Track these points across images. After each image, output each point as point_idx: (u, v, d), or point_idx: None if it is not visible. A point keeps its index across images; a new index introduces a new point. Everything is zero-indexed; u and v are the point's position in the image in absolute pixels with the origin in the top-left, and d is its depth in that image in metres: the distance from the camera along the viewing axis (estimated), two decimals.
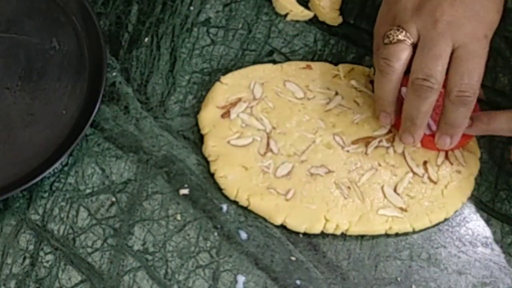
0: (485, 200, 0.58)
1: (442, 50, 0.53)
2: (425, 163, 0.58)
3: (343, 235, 0.56)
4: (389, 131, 0.59)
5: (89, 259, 0.55)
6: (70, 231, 0.56)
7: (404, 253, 0.56)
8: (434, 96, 0.54)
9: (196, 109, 0.61)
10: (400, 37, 0.55)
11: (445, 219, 0.57)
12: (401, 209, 0.56)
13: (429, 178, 0.57)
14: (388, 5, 0.58)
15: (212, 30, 0.65)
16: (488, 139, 0.60)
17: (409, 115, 0.55)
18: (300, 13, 0.66)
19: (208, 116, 0.60)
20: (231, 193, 0.57)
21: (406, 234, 0.56)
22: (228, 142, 0.58)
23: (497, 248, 0.56)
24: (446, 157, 0.58)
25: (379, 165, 0.58)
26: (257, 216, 0.57)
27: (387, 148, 0.58)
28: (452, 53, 0.54)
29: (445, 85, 0.54)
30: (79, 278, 0.54)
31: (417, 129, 0.56)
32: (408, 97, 0.55)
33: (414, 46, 0.55)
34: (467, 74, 0.53)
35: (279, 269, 0.55)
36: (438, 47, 0.53)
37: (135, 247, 0.55)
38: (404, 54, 0.55)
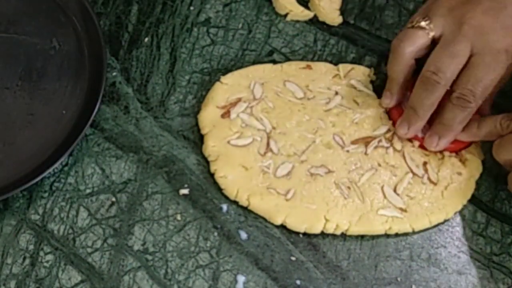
0: (485, 200, 0.58)
1: (460, 51, 0.54)
2: (425, 164, 0.58)
3: (343, 235, 0.56)
4: (389, 130, 0.59)
5: (89, 259, 0.55)
6: (70, 231, 0.56)
7: (404, 253, 0.56)
8: (439, 92, 0.55)
9: (196, 109, 0.61)
10: (423, 24, 0.56)
11: (445, 220, 0.57)
12: (401, 209, 0.56)
13: (429, 179, 0.57)
14: (428, 2, 0.59)
15: (212, 30, 0.65)
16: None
17: (412, 105, 0.56)
18: (300, 13, 0.66)
19: (208, 116, 0.60)
20: (231, 193, 0.57)
21: (406, 234, 0.56)
22: (228, 142, 0.58)
23: (497, 248, 0.56)
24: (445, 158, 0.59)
25: (379, 165, 0.58)
26: (257, 216, 0.57)
27: (387, 148, 0.58)
28: (469, 59, 0.55)
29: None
30: (79, 278, 0.54)
31: (416, 121, 0.57)
32: (415, 88, 0.56)
33: (433, 42, 0.56)
34: (473, 81, 0.54)
35: (279, 269, 0.55)
36: (457, 47, 0.54)
37: (135, 247, 0.55)
38: (418, 39, 0.56)
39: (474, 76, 0.54)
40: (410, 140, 0.59)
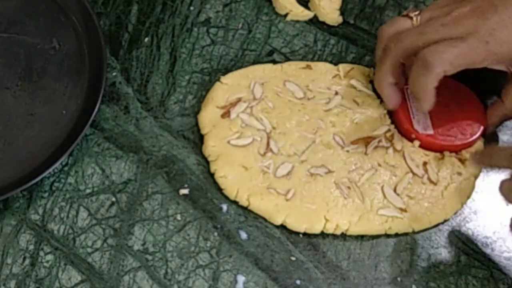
0: (485, 200, 0.58)
1: (428, 32, 0.54)
2: (425, 164, 0.58)
3: (343, 235, 0.56)
4: (389, 130, 0.59)
5: (89, 259, 0.55)
6: (70, 231, 0.56)
7: (404, 253, 0.56)
8: (396, 56, 0.55)
9: (196, 109, 0.61)
10: (411, 14, 0.57)
11: (445, 220, 0.57)
12: (401, 209, 0.56)
13: (428, 179, 0.57)
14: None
15: (212, 30, 0.65)
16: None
17: (413, 91, 0.57)
18: (300, 13, 0.66)
19: (208, 116, 0.60)
20: (231, 193, 0.57)
21: (406, 234, 0.56)
22: (228, 142, 0.58)
23: (497, 248, 0.56)
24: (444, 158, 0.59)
25: (379, 165, 0.58)
26: (257, 216, 0.57)
27: (387, 148, 0.58)
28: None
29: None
30: (79, 278, 0.54)
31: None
32: (412, 73, 0.56)
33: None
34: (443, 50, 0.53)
35: (279, 269, 0.55)
36: (427, 28, 0.54)
37: (135, 247, 0.55)
38: (399, 24, 0.57)
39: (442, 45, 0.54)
40: (410, 140, 0.59)
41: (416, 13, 0.57)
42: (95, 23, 0.62)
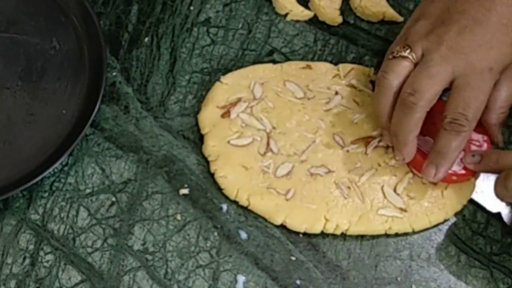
0: (485, 200, 0.58)
1: (438, 72, 0.53)
2: None
3: (343, 235, 0.56)
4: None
5: (89, 259, 0.55)
6: (70, 231, 0.56)
7: (404, 253, 0.56)
8: (418, 114, 0.53)
9: (196, 109, 0.61)
10: (404, 54, 0.55)
11: (445, 220, 0.57)
12: (401, 209, 0.56)
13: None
14: (404, 28, 0.59)
15: (212, 30, 0.65)
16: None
17: (393, 130, 0.55)
18: (300, 13, 0.66)
19: (208, 116, 0.60)
20: (231, 193, 0.57)
21: (406, 234, 0.56)
22: (228, 142, 0.58)
23: (497, 248, 0.56)
24: None
25: (379, 165, 0.58)
26: (257, 216, 0.57)
27: (386, 148, 0.58)
28: (454, 82, 0.54)
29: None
30: (79, 278, 0.54)
31: (399, 147, 0.55)
32: (394, 112, 0.55)
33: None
34: (463, 104, 0.53)
35: (279, 269, 0.55)
36: (435, 68, 0.53)
37: (135, 247, 0.55)
38: (402, 69, 0.55)
39: (462, 99, 0.53)
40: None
41: (408, 50, 0.55)
42: (95, 23, 0.62)
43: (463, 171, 0.56)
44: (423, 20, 0.56)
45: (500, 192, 0.53)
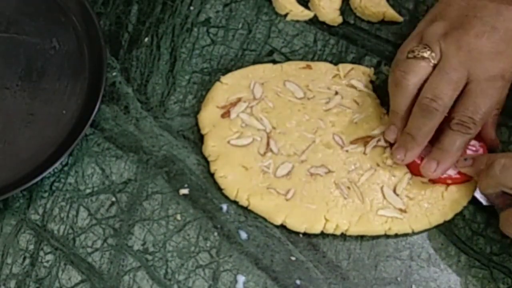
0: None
1: (457, 78, 0.54)
2: None
3: (343, 235, 0.56)
4: None
5: (89, 259, 0.55)
6: (70, 231, 0.56)
7: (404, 253, 0.56)
8: (437, 119, 0.54)
9: (196, 109, 0.61)
10: (425, 54, 0.55)
11: (445, 221, 0.57)
12: (401, 210, 0.56)
13: (429, 179, 0.57)
14: (419, 28, 0.59)
15: (212, 30, 0.65)
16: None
17: (410, 131, 0.56)
18: (300, 13, 0.66)
19: (208, 116, 0.60)
20: (231, 193, 0.57)
21: (406, 234, 0.56)
22: (228, 142, 0.58)
23: (497, 248, 0.56)
24: None
25: (378, 165, 0.58)
26: (257, 216, 0.57)
27: (385, 148, 0.58)
28: (466, 85, 0.55)
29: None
30: (79, 278, 0.54)
31: (413, 147, 0.56)
32: (413, 114, 0.55)
33: (434, 68, 0.55)
34: (472, 108, 0.54)
35: (279, 269, 0.55)
36: (454, 74, 0.54)
37: (135, 247, 0.55)
38: (422, 70, 0.55)
39: (473, 103, 0.54)
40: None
41: (429, 52, 0.55)
42: (95, 23, 0.62)
43: (457, 176, 0.57)
44: (440, 22, 0.57)
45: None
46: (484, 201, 0.57)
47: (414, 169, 0.57)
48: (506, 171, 0.52)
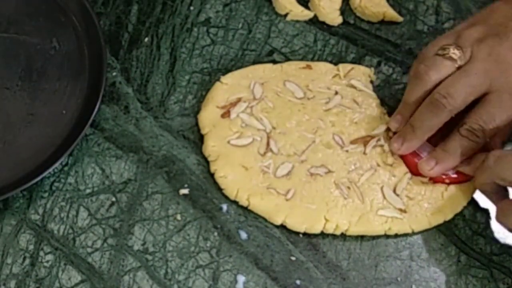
0: (485, 201, 0.58)
1: (477, 84, 0.54)
2: None
3: (343, 235, 0.56)
4: (388, 129, 0.59)
5: (89, 259, 0.55)
6: (70, 231, 0.56)
7: (404, 253, 0.56)
8: (443, 117, 0.54)
9: (196, 109, 0.61)
10: (454, 56, 0.54)
11: (445, 221, 0.57)
12: (401, 210, 0.56)
13: (429, 178, 0.57)
14: (458, 27, 0.58)
15: (212, 30, 0.65)
16: None
17: (413, 123, 0.56)
18: (300, 13, 0.66)
19: (208, 116, 0.60)
20: (231, 193, 0.57)
21: (406, 234, 0.56)
22: (228, 142, 0.58)
23: (497, 248, 0.56)
24: None
25: (378, 165, 0.58)
26: (257, 216, 0.57)
27: (385, 147, 0.58)
28: (486, 94, 0.54)
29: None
30: (79, 278, 0.54)
31: (412, 139, 0.56)
32: (421, 106, 0.55)
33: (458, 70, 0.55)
34: (486, 118, 0.54)
35: (279, 269, 0.55)
36: (475, 79, 0.54)
37: (135, 247, 0.55)
38: (446, 70, 0.55)
39: (487, 113, 0.54)
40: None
41: (459, 54, 0.54)
42: (95, 23, 0.62)
43: (455, 175, 0.57)
44: (479, 26, 0.56)
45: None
46: (480, 202, 0.57)
47: (412, 167, 0.57)
48: (501, 162, 0.52)
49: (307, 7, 0.66)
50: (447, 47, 0.55)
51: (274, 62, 0.63)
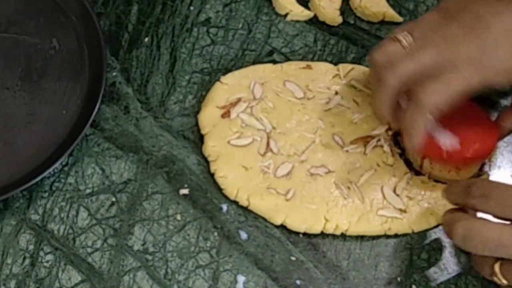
0: None
1: (426, 59, 0.51)
2: (423, 162, 0.58)
3: (343, 235, 0.56)
4: (387, 129, 0.59)
5: (89, 259, 0.55)
6: (70, 231, 0.56)
7: (404, 253, 0.56)
8: (386, 87, 0.52)
9: (196, 109, 0.61)
10: (399, 36, 0.53)
11: None
12: (401, 210, 0.56)
13: (428, 177, 0.57)
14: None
15: (212, 30, 0.65)
16: None
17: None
18: (300, 13, 0.66)
19: (208, 116, 0.60)
20: (231, 193, 0.57)
21: (406, 234, 0.56)
22: (228, 142, 0.58)
23: None
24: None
25: (378, 165, 0.58)
26: (257, 216, 0.57)
27: (385, 147, 0.58)
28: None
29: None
30: (79, 278, 0.54)
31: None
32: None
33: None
34: (429, 89, 0.51)
35: (279, 269, 0.55)
36: (422, 54, 0.52)
37: (135, 247, 0.55)
38: (389, 48, 0.53)
39: (434, 84, 0.51)
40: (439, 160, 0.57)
41: (404, 33, 0.53)
42: (95, 23, 0.62)
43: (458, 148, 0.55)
44: (434, 12, 0.54)
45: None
46: None
47: (436, 154, 0.55)
48: (469, 237, 0.49)
49: (307, 7, 0.66)
50: (395, 31, 0.54)
51: (274, 62, 0.63)
